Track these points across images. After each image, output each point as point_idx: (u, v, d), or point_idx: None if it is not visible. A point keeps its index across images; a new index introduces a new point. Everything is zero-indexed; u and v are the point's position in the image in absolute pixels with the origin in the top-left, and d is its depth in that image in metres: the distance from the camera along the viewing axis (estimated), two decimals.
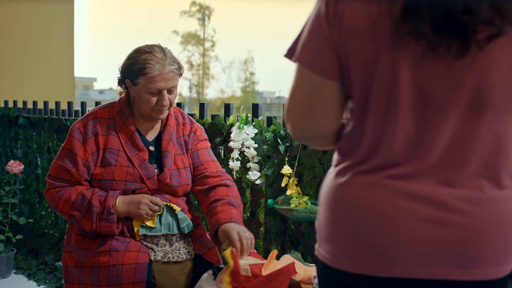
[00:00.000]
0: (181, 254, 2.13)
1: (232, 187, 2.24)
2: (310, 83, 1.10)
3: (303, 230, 2.54)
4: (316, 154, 2.46)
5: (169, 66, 2.10)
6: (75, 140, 2.15)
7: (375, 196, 1.08)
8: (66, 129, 3.90)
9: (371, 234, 1.07)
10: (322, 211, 1.17)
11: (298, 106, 1.13)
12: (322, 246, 1.16)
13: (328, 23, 1.06)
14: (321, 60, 1.07)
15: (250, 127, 2.64)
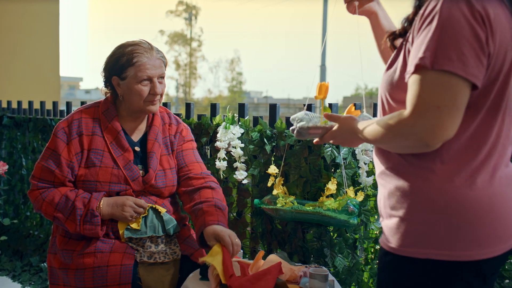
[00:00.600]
0: (167, 255, 2.12)
1: (217, 190, 2.24)
2: (463, 94, 1.18)
3: (290, 230, 2.54)
4: (302, 154, 2.47)
5: (156, 54, 2.13)
6: (59, 140, 2.13)
7: (500, 190, 1.29)
8: (51, 129, 3.87)
9: (506, 220, 1.29)
10: (458, 218, 1.26)
11: (453, 118, 1.17)
12: (453, 246, 1.26)
13: (486, 28, 1.17)
14: (479, 70, 1.18)
15: (237, 127, 2.64)
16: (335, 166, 2.43)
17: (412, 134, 1.20)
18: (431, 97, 1.17)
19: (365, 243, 2.50)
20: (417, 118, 1.18)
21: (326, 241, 2.44)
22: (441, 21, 1.17)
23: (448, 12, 1.17)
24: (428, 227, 1.28)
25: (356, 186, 2.41)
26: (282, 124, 2.56)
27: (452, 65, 1.15)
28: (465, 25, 1.16)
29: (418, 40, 1.22)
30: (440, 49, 1.16)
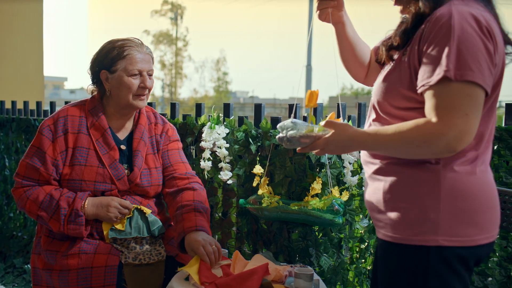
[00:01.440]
0: (152, 256, 2.11)
1: (199, 191, 2.23)
2: (482, 101, 1.30)
3: (275, 230, 2.55)
4: (287, 153, 2.47)
5: (146, 49, 2.16)
6: (45, 138, 2.11)
7: (491, 180, 1.45)
8: (35, 130, 3.83)
9: (498, 207, 1.45)
10: (458, 201, 1.38)
11: (477, 123, 1.30)
12: (461, 232, 1.37)
13: (492, 44, 1.31)
14: (491, 80, 1.32)
15: (222, 127, 2.64)
16: (320, 166, 2.44)
17: (443, 141, 1.28)
18: (460, 106, 1.27)
19: (350, 242, 2.51)
20: (449, 126, 1.27)
21: (311, 240, 2.45)
22: (457, 36, 1.28)
23: (462, 27, 1.28)
24: (437, 214, 1.37)
25: (341, 185, 2.42)
26: (267, 124, 2.56)
27: (474, 76, 1.26)
28: (478, 39, 1.28)
29: (432, 54, 1.31)
30: (461, 62, 1.27)
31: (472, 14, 1.30)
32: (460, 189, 1.38)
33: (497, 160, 2.29)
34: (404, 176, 1.42)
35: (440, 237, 1.37)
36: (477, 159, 1.41)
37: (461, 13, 1.30)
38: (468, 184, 1.39)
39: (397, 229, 1.42)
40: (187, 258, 2.19)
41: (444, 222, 1.37)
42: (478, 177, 1.41)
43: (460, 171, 1.38)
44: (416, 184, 1.40)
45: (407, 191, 1.42)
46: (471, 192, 1.39)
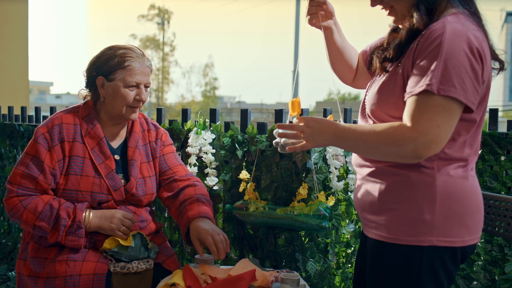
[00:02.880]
0: (140, 265, 2.09)
1: (200, 186, 2.25)
2: (458, 116, 1.40)
3: (261, 235, 2.54)
4: (273, 159, 2.48)
5: (146, 62, 2.13)
6: (40, 146, 2.06)
7: (478, 185, 1.55)
8: (20, 135, 3.80)
9: (483, 210, 1.55)
10: (451, 203, 1.46)
11: (447, 136, 1.39)
12: (454, 233, 1.46)
13: (481, 63, 1.39)
14: (475, 98, 1.40)
15: (208, 132, 2.63)
16: (306, 171, 2.44)
17: (412, 145, 1.38)
18: (434, 117, 1.36)
19: (336, 247, 2.51)
20: (419, 134, 1.37)
21: (297, 245, 2.45)
22: (445, 52, 1.36)
23: (451, 45, 1.37)
24: (432, 216, 1.45)
25: (327, 190, 2.43)
26: (253, 129, 2.56)
27: (456, 92, 1.35)
28: (466, 59, 1.37)
29: (421, 66, 1.40)
30: (445, 78, 1.35)
31: (465, 34, 1.38)
32: (454, 193, 1.47)
33: (481, 164, 2.32)
34: (401, 179, 1.49)
35: (435, 238, 1.45)
36: (469, 165, 1.52)
37: (454, 31, 1.39)
38: (462, 188, 1.49)
39: (392, 230, 1.50)
40: (174, 265, 2.18)
41: (439, 224, 1.45)
42: (470, 182, 1.51)
43: (454, 176, 1.48)
44: (413, 187, 1.48)
45: (403, 193, 1.49)
46: (464, 196, 1.49)
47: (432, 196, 1.46)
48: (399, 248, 1.49)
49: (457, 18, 1.43)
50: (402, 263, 1.49)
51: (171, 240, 2.91)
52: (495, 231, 1.90)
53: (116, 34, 60.16)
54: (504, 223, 1.89)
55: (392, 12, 1.56)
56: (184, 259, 2.87)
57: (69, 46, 76.66)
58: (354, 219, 2.54)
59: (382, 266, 1.54)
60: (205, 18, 63.35)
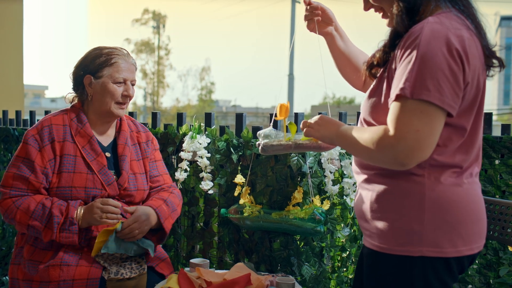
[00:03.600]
0: (134, 270, 2.08)
1: (175, 195, 2.31)
2: (440, 120, 1.34)
3: (257, 239, 2.54)
4: (268, 163, 2.48)
5: (131, 60, 2.21)
6: (31, 147, 2.09)
7: (478, 192, 1.48)
8: (14, 139, 3.79)
9: (485, 219, 1.49)
10: (442, 213, 1.41)
11: (430, 141, 1.33)
12: (445, 243, 1.40)
13: (462, 64, 1.34)
14: (454, 101, 1.34)
15: (203, 136, 2.63)
16: (301, 175, 2.44)
17: (392, 153, 1.35)
18: (411, 121, 1.32)
19: (331, 251, 2.52)
20: (398, 139, 1.33)
21: (293, 249, 2.45)
22: (420, 54, 1.32)
23: (427, 46, 1.32)
24: (421, 225, 1.40)
25: (322, 194, 2.43)
26: (248, 133, 2.57)
27: (429, 95, 1.30)
28: (443, 60, 1.31)
29: (399, 70, 1.37)
30: (419, 81, 1.31)
31: (444, 35, 1.33)
32: (445, 201, 1.41)
33: None
34: (390, 187, 1.45)
35: (425, 248, 1.40)
36: (465, 171, 1.45)
37: (432, 32, 1.34)
38: (454, 196, 1.42)
39: (383, 239, 1.45)
40: (167, 268, 2.18)
41: (428, 233, 1.40)
42: (465, 189, 1.44)
43: (446, 183, 1.42)
44: (402, 195, 1.43)
45: (392, 202, 1.44)
46: (456, 204, 1.42)
47: (421, 205, 1.41)
48: (390, 258, 1.45)
49: (439, 18, 1.38)
50: (395, 274, 1.45)
51: (166, 244, 2.90)
52: (489, 235, 1.90)
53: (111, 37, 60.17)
54: (498, 226, 1.89)
55: (385, 14, 1.55)
56: (179, 264, 2.87)
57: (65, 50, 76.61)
58: (349, 223, 2.54)
59: (377, 275, 1.50)
60: (199, 22, 63.40)
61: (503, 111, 39.01)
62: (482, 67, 1.42)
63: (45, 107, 33.95)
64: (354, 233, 2.56)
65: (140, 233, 2.07)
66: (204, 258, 2.66)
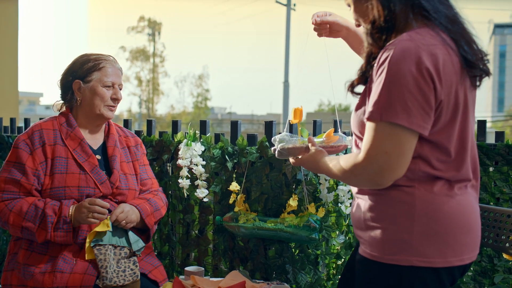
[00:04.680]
0: (127, 277, 2.07)
1: (160, 197, 2.37)
2: (410, 141, 1.35)
3: (252, 247, 2.54)
4: (263, 170, 2.48)
5: (118, 65, 2.29)
6: (21, 151, 2.12)
7: (471, 203, 1.47)
8: (8, 146, 3.77)
9: (478, 231, 1.48)
10: (433, 222, 1.40)
11: (400, 161, 1.36)
12: (435, 253, 1.40)
13: (433, 83, 1.33)
14: (425, 120, 1.34)
15: (198, 144, 2.63)
16: (296, 183, 2.44)
17: (365, 175, 1.40)
18: (380, 144, 1.35)
19: (326, 258, 2.51)
20: (368, 162, 1.38)
21: (288, 257, 2.45)
22: (389, 75, 1.33)
23: (396, 67, 1.32)
24: (410, 235, 1.40)
25: (317, 202, 2.43)
26: (243, 141, 2.57)
27: (397, 117, 1.32)
28: (411, 80, 1.31)
29: (373, 89, 1.39)
30: (387, 103, 1.33)
31: (415, 54, 1.32)
32: (435, 211, 1.41)
33: None
34: (382, 197, 1.45)
35: (414, 258, 1.40)
36: (457, 182, 1.44)
37: (402, 51, 1.33)
38: (444, 206, 1.41)
39: (374, 247, 1.46)
40: (160, 275, 2.17)
41: (417, 243, 1.40)
42: (456, 200, 1.43)
43: (436, 193, 1.41)
44: (392, 205, 1.43)
45: (383, 211, 1.45)
46: (446, 215, 1.41)
47: (411, 215, 1.41)
48: (380, 266, 1.45)
49: (410, 35, 1.36)
50: (384, 282, 1.45)
51: (161, 252, 2.89)
52: (484, 242, 1.91)
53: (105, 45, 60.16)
54: (493, 233, 1.90)
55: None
56: (174, 271, 2.86)
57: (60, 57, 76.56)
58: (344, 230, 2.54)
59: (367, 283, 1.51)
60: (194, 29, 63.51)
61: (497, 118, 39.16)
62: (461, 82, 1.40)
63: (40, 114, 33.85)
64: (349, 240, 2.56)
65: (128, 222, 2.14)
66: (199, 266, 2.65)
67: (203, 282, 1.97)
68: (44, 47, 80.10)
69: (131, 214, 2.16)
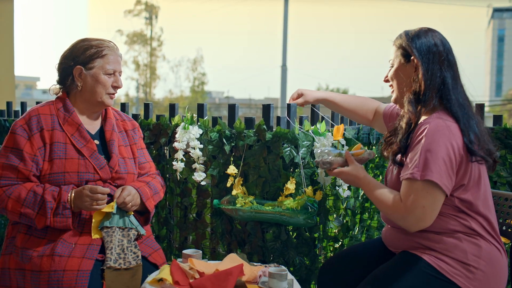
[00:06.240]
0: (131, 260, 2.07)
1: (158, 180, 2.38)
2: (440, 197, 1.71)
3: (249, 230, 2.55)
4: (261, 154, 2.47)
5: (118, 52, 2.27)
6: (19, 136, 2.11)
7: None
8: (6, 130, 3.76)
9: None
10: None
11: (432, 214, 1.73)
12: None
13: (460, 158, 1.71)
14: (449, 182, 1.70)
15: (195, 127, 2.62)
16: (294, 166, 2.44)
17: (401, 221, 1.77)
18: (419, 199, 1.70)
19: (324, 241, 2.52)
20: (408, 212, 1.72)
21: (285, 240, 2.46)
22: (427, 144, 1.69)
23: (432, 138, 1.68)
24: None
25: (315, 185, 2.43)
26: (241, 124, 2.56)
27: (432, 176, 1.67)
28: (444, 149, 1.67)
29: (410, 155, 1.74)
30: (425, 166, 1.68)
31: (447, 129, 1.69)
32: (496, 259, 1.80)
33: None
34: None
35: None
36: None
37: (436, 126, 1.70)
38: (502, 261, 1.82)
39: (448, 265, 1.77)
40: (160, 258, 2.18)
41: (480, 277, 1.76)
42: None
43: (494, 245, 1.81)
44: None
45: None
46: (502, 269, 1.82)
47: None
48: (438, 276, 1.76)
49: (439, 115, 1.74)
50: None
51: (159, 235, 2.90)
52: None
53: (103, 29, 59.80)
54: None
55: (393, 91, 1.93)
56: (172, 254, 2.87)
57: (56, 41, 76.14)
58: (341, 213, 2.55)
59: (406, 276, 1.78)
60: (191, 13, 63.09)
61: (495, 102, 39.14)
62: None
63: (37, 98, 33.72)
64: (346, 224, 2.57)
65: (133, 206, 2.16)
66: (197, 249, 2.66)
67: (201, 264, 1.97)
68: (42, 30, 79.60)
69: (137, 197, 2.18)
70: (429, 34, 1.83)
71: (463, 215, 1.78)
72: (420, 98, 1.79)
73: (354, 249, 2.13)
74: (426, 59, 1.79)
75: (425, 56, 1.80)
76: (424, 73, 1.78)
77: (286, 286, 1.87)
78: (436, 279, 1.76)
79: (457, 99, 1.78)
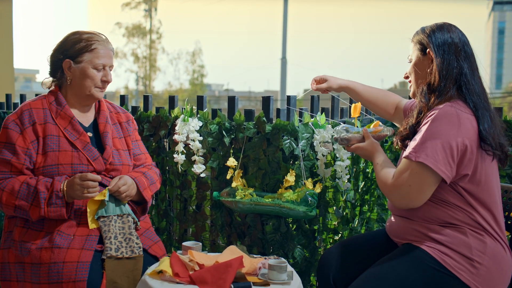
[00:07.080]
0: (134, 250, 2.07)
1: (154, 171, 2.39)
2: (431, 181, 1.75)
3: (249, 222, 2.55)
4: (260, 146, 2.47)
5: (110, 46, 2.24)
6: (11, 131, 2.11)
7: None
8: None
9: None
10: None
11: (418, 195, 1.77)
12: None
13: (464, 147, 1.73)
14: (447, 168, 1.72)
15: (195, 119, 2.62)
16: (294, 158, 2.44)
17: (388, 196, 1.86)
18: (407, 178, 1.76)
19: (323, 234, 2.53)
20: (394, 188, 1.80)
21: (285, 232, 2.46)
22: (429, 127, 1.73)
23: (437, 122, 1.72)
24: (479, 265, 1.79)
25: (315, 177, 2.43)
26: (241, 116, 2.56)
27: (426, 160, 1.71)
28: (446, 135, 1.70)
29: (417, 135, 1.78)
30: (422, 148, 1.72)
31: (455, 115, 1.72)
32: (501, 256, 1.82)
33: None
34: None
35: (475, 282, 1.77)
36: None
37: (445, 113, 1.73)
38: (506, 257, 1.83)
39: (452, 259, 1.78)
40: (160, 250, 2.18)
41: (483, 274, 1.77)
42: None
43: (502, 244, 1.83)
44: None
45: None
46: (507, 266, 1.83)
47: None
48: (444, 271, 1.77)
49: (452, 104, 1.76)
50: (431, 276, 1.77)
51: (158, 227, 2.90)
52: None
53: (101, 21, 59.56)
54: None
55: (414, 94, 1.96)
56: (172, 246, 2.88)
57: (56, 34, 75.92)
58: (341, 206, 2.55)
59: (409, 268, 1.79)
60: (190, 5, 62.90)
61: (495, 95, 39.09)
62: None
63: (36, 90, 33.63)
64: (346, 216, 2.57)
65: (128, 196, 2.17)
66: (197, 241, 2.67)
67: (201, 257, 1.97)
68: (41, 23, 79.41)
69: (132, 188, 2.18)
70: (445, 28, 1.87)
71: (470, 208, 1.78)
72: (434, 89, 1.82)
73: (355, 239, 2.13)
74: (441, 50, 1.83)
75: (440, 48, 1.84)
76: (439, 64, 1.82)
77: (286, 278, 1.87)
78: (439, 272, 1.76)
79: (474, 89, 1.81)
